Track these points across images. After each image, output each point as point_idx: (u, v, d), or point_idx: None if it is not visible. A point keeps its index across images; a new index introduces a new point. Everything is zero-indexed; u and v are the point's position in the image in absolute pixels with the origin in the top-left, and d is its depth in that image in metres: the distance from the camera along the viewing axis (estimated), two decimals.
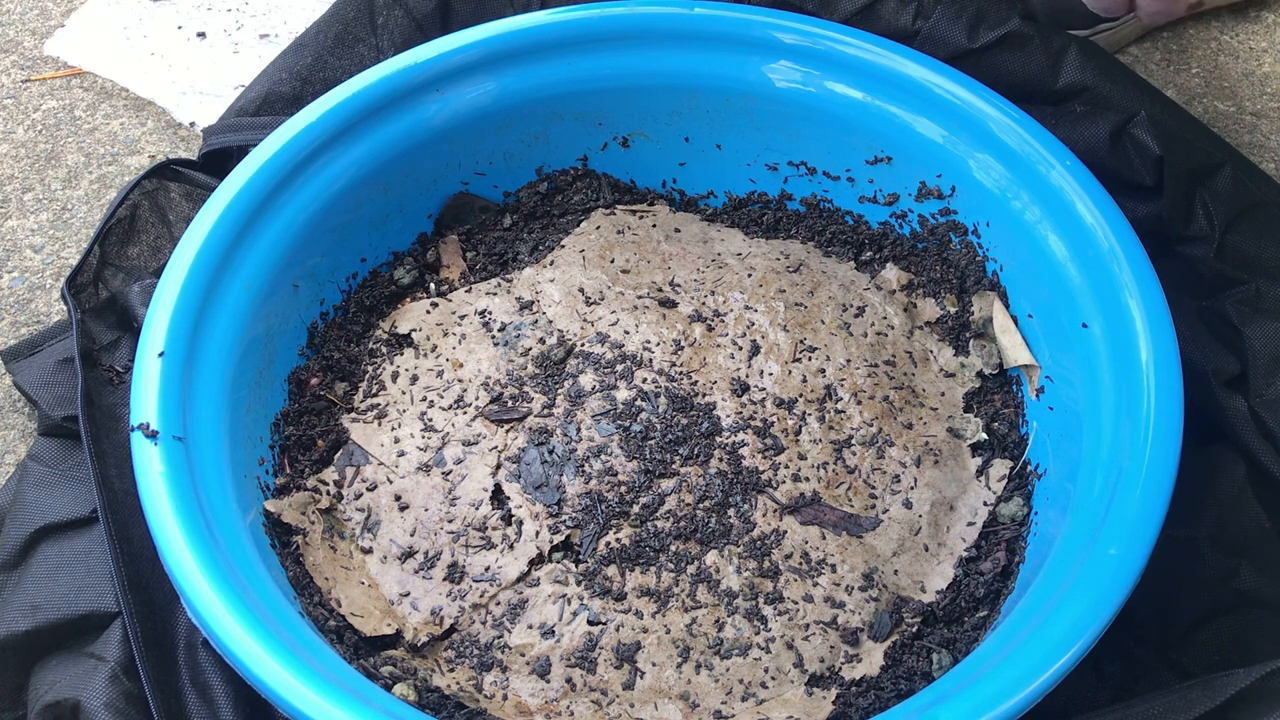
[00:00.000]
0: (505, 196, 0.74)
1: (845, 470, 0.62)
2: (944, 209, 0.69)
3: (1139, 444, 0.54)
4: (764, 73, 0.70)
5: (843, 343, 0.67)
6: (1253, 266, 0.68)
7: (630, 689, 0.56)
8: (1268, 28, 0.90)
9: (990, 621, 0.57)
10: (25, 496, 0.62)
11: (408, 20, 0.82)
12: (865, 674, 0.56)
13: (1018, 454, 0.63)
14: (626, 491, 0.61)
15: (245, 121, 0.79)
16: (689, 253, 0.71)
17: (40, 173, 0.84)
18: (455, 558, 0.60)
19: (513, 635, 0.57)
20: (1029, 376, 0.65)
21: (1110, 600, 0.50)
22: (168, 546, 0.51)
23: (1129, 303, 0.58)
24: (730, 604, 0.58)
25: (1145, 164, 0.69)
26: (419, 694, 0.55)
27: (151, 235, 0.74)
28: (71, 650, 0.58)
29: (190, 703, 0.56)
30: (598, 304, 0.68)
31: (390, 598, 0.59)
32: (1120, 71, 0.74)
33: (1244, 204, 0.69)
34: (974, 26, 0.74)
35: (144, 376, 0.56)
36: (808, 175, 0.73)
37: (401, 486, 0.62)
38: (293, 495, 0.60)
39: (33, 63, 0.91)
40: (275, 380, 0.64)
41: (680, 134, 0.73)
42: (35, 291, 0.77)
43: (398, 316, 0.69)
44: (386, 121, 0.68)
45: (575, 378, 0.65)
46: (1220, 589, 0.59)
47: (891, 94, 0.68)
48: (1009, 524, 0.61)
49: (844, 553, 0.60)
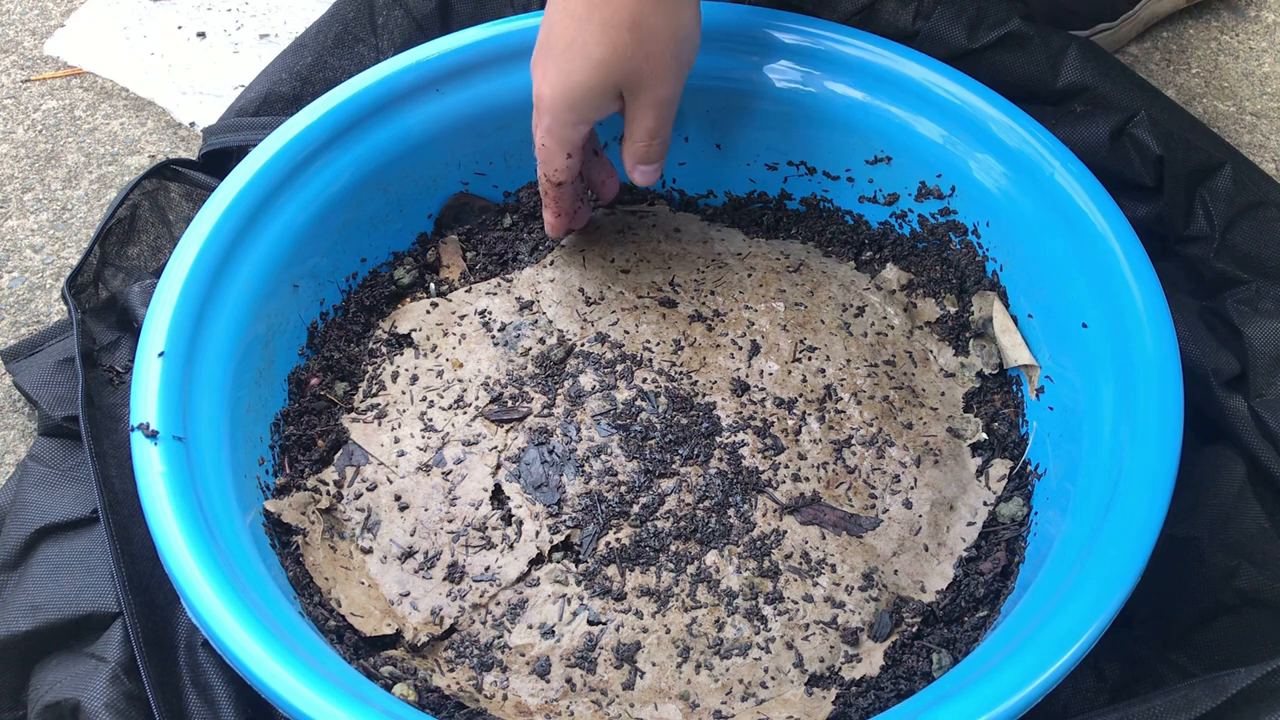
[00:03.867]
0: (505, 196, 0.74)
1: (845, 470, 0.62)
2: (944, 209, 0.69)
3: (1139, 444, 0.54)
4: (764, 73, 0.70)
5: (843, 343, 0.67)
6: (1253, 266, 0.68)
7: (630, 689, 0.56)
8: (1268, 28, 0.90)
9: (990, 621, 0.57)
10: (26, 496, 0.62)
11: (408, 20, 0.82)
12: (865, 674, 0.56)
13: (1018, 454, 0.63)
14: (626, 491, 0.61)
15: (245, 121, 0.79)
16: (689, 252, 0.71)
17: (40, 173, 0.84)
18: (455, 558, 0.60)
19: (513, 635, 0.57)
20: (1029, 376, 0.65)
21: (1110, 600, 0.50)
22: (168, 546, 0.51)
23: (1129, 303, 0.58)
24: (730, 604, 0.58)
25: (1145, 164, 0.69)
26: (419, 694, 0.55)
27: (151, 235, 0.74)
28: (72, 650, 0.58)
29: (191, 703, 0.56)
30: (597, 304, 0.68)
31: (390, 598, 0.59)
32: (1120, 71, 0.74)
33: (1244, 204, 0.69)
34: (974, 27, 0.74)
35: (144, 376, 0.56)
36: (808, 175, 0.73)
37: (401, 486, 0.62)
38: (293, 495, 0.60)
39: (33, 63, 0.91)
40: (275, 380, 0.64)
41: (680, 134, 0.73)
42: (35, 291, 0.77)
43: (398, 316, 0.69)
44: (387, 122, 0.68)
45: (575, 377, 0.65)
46: (1220, 589, 0.59)
47: (891, 94, 0.68)
48: (1009, 524, 0.61)
49: (844, 553, 0.60)
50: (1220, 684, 0.51)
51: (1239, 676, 0.51)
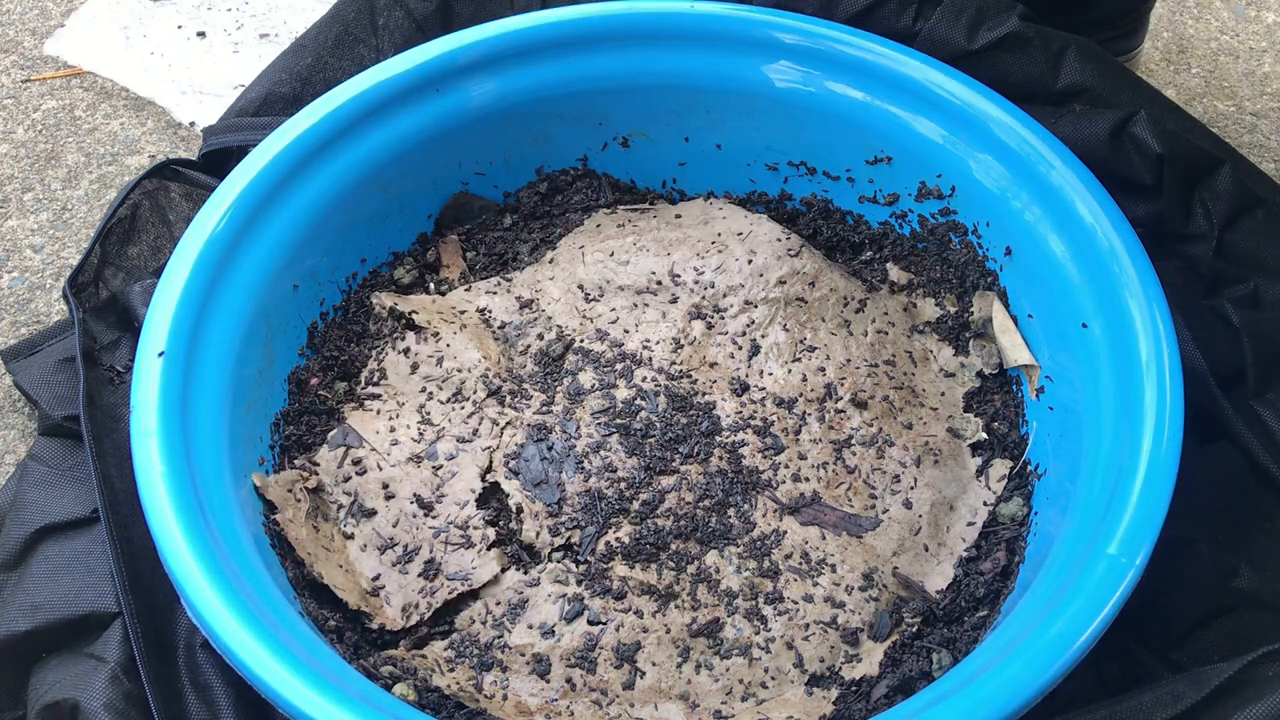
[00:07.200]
0: (505, 196, 0.74)
1: (845, 470, 0.62)
2: (944, 209, 0.69)
3: (1139, 443, 0.54)
4: (764, 73, 0.70)
5: (842, 342, 0.67)
6: (1252, 265, 0.68)
7: (630, 689, 0.56)
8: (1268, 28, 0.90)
9: (990, 621, 0.57)
10: (26, 496, 0.62)
11: (408, 20, 0.82)
12: (865, 674, 0.56)
13: (1018, 454, 0.63)
14: (626, 488, 0.61)
15: (245, 121, 0.79)
16: (689, 236, 0.70)
17: (40, 173, 0.84)
18: (434, 554, 0.60)
19: (513, 635, 0.57)
20: (1029, 376, 0.65)
21: (1110, 600, 0.50)
22: (168, 546, 0.51)
23: (1129, 303, 0.58)
24: (730, 604, 0.58)
25: (1145, 163, 0.69)
26: (419, 694, 0.55)
27: (151, 235, 0.74)
28: (71, 650, 0.58)
29: (190, 703, 0.56)
30: (597, 300, 0.68)
31: (366, 586, 0.59)
32: (1120, 72, 0.74)
33: (1243, 203, 0.69)
34: (973, 28, 0.74)
35: (144, 376, 0.56)
36: (808, 175, 0.73)
37: (390, 475, 0.62)
38: (280, 473, 0.60)
39: (33, 63, 0.91)
40: (275, 380, 0.64)
41: (680, 134, 0.73)
42: (35, 291, 0.77)
43: (401, 302, 0.69)
44: (386, 122, 0.68)
45: (574, 375, 0.65)
46: (1220, 589, 0.59)
47: (892, 94, 0.68)
48: (1009, 524, 0.61)
49: (844, 553, 0.60)
50: (1204, 677, 0.51)
51: (1221, 669, 0.51)
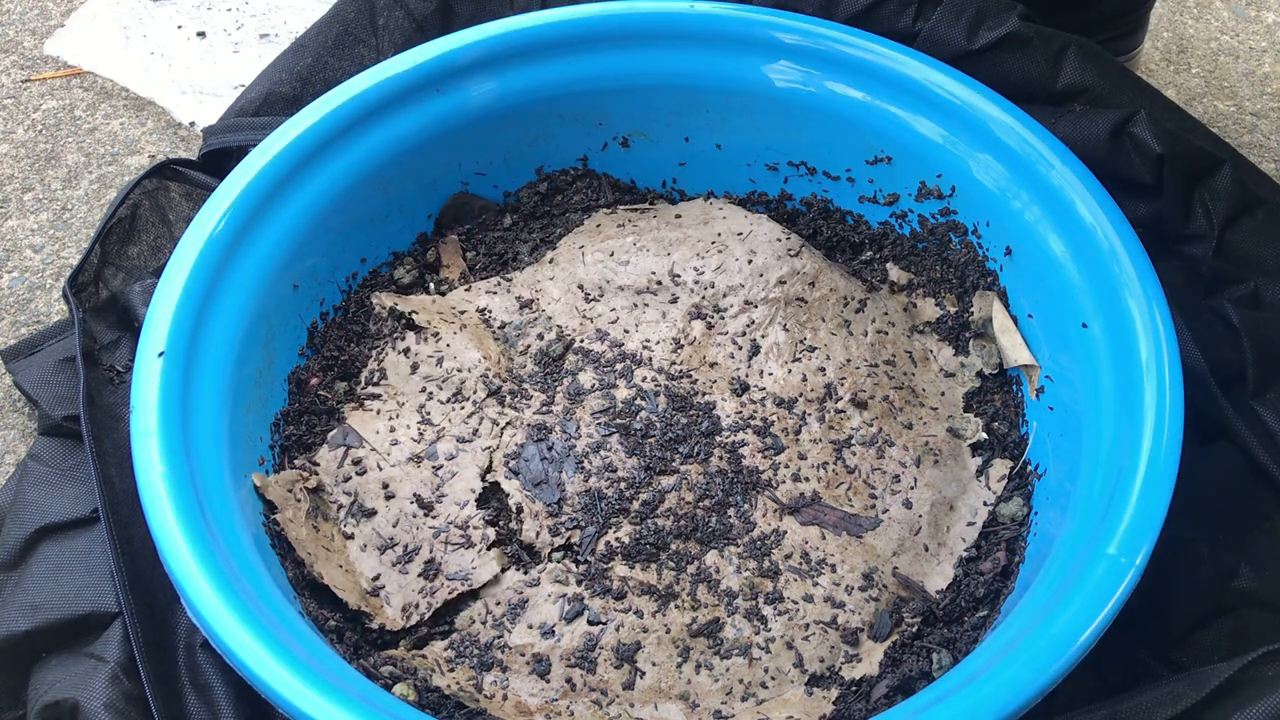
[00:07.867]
0: (505, 196, 0.74)
1: (845, 470, 0.62)
2: (944, 209, 0.69)
3: (1139, 443, 0.54)
4: (764, 73, 0.70)
5: (842, 342, 0.67)
6: (1252, 265, 0.68)
7: (630, 689, 0.56)
8: (1268, 28, 0.90)
9: (990, 621, 0.57)
10: (25, 496, 0.62)
11: (408, 20, 0.82)
12: (865, 674, 0.56)
13: (1018, 454, 0.63)
14: (626, 487, 0.61)
15: (245, 121, 0.79)
16: (689, 236, 0.70)
17: (40, 173, 0.84)
18: (434, 554, 0.60)
19: (513, 635, 0.57)
20: (1029, 376, 0.65)
21: (1110, 600, 0.50)
22: (168, 546, 0.51)
23: (1129, 303, 0.58)
24: (730, 604, 0.58)
25: (1145, 163, 0.69)
26: (419, 694, 0.55)
27: (151, 235, 0.74)
28: (71, 650, 0.58)
29: (190, 703, 0.56)
30: (597, 300, 0.68)
31: (366, 586, 0.59)
32: (1120, 72, 0.74)
33: (1243, 203, 0.69)
34: (973, 28, 0.74)
35: (144, 376, 0.56)
36: (808, 175, 0.73)
37: (390, 475, 0.62)
38: (280, 474, 0.60)
39: (33, 63, 0.91)
40: (275, 380, 0.64)
41: (680, 134, 0.73)
42: (35, 291, 0.77)
43: (401, 302, 0.69)
44: (386, 122, 0.68)
45: (574, 375, 0.65)
46: (1220, 589, 0.59)
47: (892, 94, 0.68)
48: (1009, 524, 0.61)
49: (844, 553, 0.60)
50: (1204, 677, 0.51)
51: (1220, 670, 0.51)
